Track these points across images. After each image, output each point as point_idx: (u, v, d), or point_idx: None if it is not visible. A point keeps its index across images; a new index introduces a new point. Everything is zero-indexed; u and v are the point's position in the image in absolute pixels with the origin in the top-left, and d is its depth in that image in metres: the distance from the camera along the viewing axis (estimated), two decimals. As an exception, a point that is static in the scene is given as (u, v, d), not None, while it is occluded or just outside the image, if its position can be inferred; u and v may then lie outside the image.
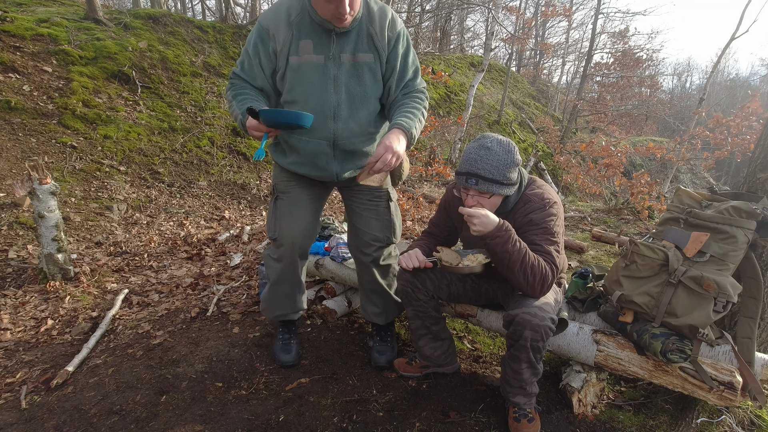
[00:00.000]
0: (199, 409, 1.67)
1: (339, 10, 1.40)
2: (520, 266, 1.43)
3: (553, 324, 1.44)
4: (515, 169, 1.51)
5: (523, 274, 1.44)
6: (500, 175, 1.47)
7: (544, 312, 1.44)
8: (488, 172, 1.46)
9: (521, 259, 1.42)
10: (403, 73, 1.62)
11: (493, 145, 1.48)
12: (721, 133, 6.53)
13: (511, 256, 1.42)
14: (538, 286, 1.46)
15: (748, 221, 1.48)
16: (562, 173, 10.92)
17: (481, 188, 1.48)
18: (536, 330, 1.40)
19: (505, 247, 1.42)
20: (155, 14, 7.64)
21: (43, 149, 4.56)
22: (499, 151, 1.47)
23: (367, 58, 1.54)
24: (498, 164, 1.46)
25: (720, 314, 1.45)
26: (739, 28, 9.14)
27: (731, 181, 20.24)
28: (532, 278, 1.44)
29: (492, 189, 1.48)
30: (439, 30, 17.42)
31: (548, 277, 1.46)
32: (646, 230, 4.23)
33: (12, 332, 2.34)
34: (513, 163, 1.49)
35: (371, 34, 1.53)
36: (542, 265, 1.45)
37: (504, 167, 1.47)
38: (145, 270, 3.33)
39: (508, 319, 1.48)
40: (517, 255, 1.42)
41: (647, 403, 1.73)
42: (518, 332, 1.44)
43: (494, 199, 1.53)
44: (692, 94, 28.30)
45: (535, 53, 22.15)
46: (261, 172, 6.14)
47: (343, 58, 1.53)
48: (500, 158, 1.47)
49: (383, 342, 2.00)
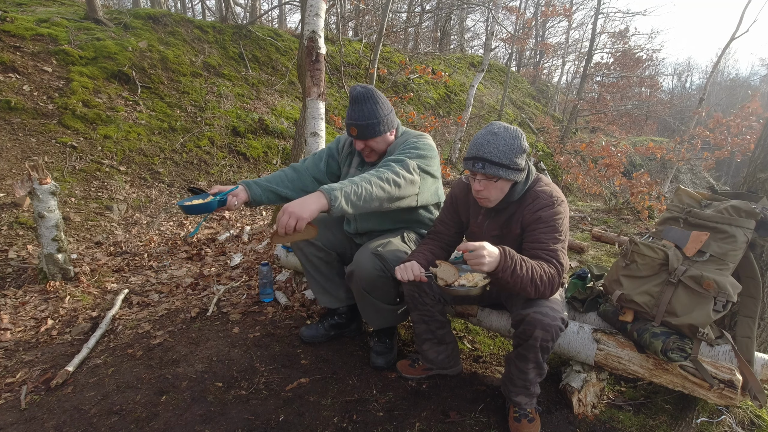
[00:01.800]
0: (199, 409, 1.67)
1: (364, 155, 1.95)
2: (531, 282, 1.41)
3: (563, 324, 1.44)
4: (522, 156, 1.51)
5: (534, 287, 1.42)
6: (507, 159, 1.46)
7: (555, 312, 1.43)
8: (494, 155, 1.46)
9: (530, 277, 1.40)
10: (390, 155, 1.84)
11: (500, 131, 1.48)
12: (721, 133, 6.53)
13: (522, 280, 1.39)
14: (547, 291, 1.45)
15: (748, 221, 1.48)
16: (562, 173, 10.92)
17: (488, 172, 1.48)
18: (547, 330, 1.40)
19: (515, 274, 1.38)
20: (155, 14, 7.64)
21: (43, 149, 4.57)
22: (505, 135, 1.48)
23: None
24: (504, 148, 1.46)
25: (720, 314, 1.45)
26: (739, 28, 9.13)
27: (731, 181, 20.25)
28: (543, 287, 1.43)
29: (498, 173, 1.48)
30: (439, 30, 17.43)
31: (556, 281, 1.45)
32: (646, 230, 4.22)
33: (12, 332, 2.34)
34: (520, 149, 1.49)
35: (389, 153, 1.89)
36: (549, 272, 1.44)
37: (510, 151, 1.47)
38: (145, 270, 3.33)
39: (518, 319, 1.47)
40: (526, 276, 1.39)
41: (647, 403, 1.73)
42: (528, 332, 1.42)
43: (501, 183, 1.52)
44: (692, 94, 28.30)
45: (535, 53, 22.16)
46: (261, 173, 6.14)
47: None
48: (507, 143, 1.47)
49: (381, 343, 2.00)
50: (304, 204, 1.45)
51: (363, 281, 1.77)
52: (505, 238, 1.64)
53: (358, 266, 1.77)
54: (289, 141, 6.76)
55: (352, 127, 1.81)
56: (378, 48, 7.00)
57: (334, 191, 1.49)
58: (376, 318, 1.93)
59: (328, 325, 2.16)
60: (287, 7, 15.88)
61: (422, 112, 10.45)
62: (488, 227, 1.67)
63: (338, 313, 2.17)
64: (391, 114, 1.87)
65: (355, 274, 1.78)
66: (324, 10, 3.25)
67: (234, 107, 6.86)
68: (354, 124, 1.79)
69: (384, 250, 1.78)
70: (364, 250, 1.81)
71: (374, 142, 1.84)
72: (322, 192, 1.49)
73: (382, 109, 1.81)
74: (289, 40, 9.40)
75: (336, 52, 9.20)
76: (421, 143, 1.82)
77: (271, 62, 8.46)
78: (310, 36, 3.17)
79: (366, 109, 1.78)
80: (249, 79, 7.68)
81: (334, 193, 1.48)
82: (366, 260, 1.76)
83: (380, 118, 1.80)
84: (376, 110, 1.79)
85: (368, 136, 1.81)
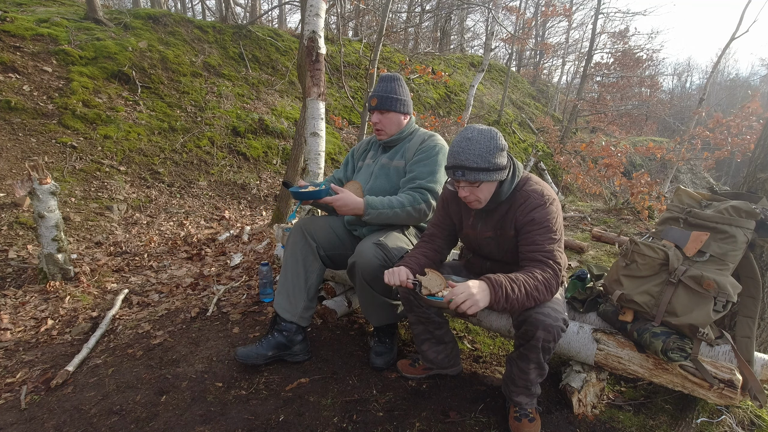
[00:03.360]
0: (199, 409, 1.67)
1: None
2: (528, 298, 1.40)
3: (565, 324, 1.44)
4: (501, 154, 1.49)
5: (533, 300, 1.42)
6: (485, 162, 1.46)
7: (557, 312, 1.43)
8: (472, 161, 1.45)
9: (525, 294, 1.40)
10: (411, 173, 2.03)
11: (474, 135, 1.47)
12: (721, 133, 6.53)
13: (519, 300, 1.39)
14: (547, 296, 1.45)
15: (748, 221, 1.48)
16: (562, 173, 10.93)
17: (469, 179, 1.47)
18: (549, 330, 1.40)
19: (510, 300, 1.37)
20: (155, 14, 7.64)
21: (43, 149, 4.57)
22: (479, 139, 1.46)
23: (398, 164, 2.08)
24: (481, 152, 1.45)
25: (720, 314, 1.45)
26: (739, 28, 9.12)
27: (731, 181, 20.25)
28: (541, 296, 1.43)
29: (479, 177, 1.47)
30: (439, 30, 17.43)
31: (553, 284, 1.45)
32: (646, 230, 4.22)
33: (12, 332, 2.35)
34: (497, 148, 1.47)
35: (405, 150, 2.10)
36: (544, 279, 1.43)
37: (487, 154, 1.46)
38: (145, 270, 3.33)
39: (521, 319, 1.46)
40: (521, 295, 1.39)
41: (647, 403, 1.73)
42: (530, 332, 1.42)
43: (485, 187, 1.52)
44: (692, 94, 28.31)
45: (535, 53, 22.16)
46: (261, 173, 6.14)
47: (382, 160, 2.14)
48: (482, 146, 1.46)
49: (381, 343, 2.00)
50: (352, 200, 1.86)
51: (365, 271, 1.79)
52: (500, 240, 1.64)
53: (360, 256, 1.81)
54: (289, 141, 6.77)
55: (374, 98, 2.04)
56: (378, 48, 6.99)
57: (374, 202, 1.87)
58: (375, 314, 1.94)
59: (267, 345, 1.92)
60: (287, 7, 15.90)
61: (422, 112, 10.45)
62: (481, 229, 1.67)
63: (284, 330, 1.94)
64: (408, 100, 2.10)
65: (357, 264, 1.81)
66: (324, 10, 3.25)
67: (234, 107, 6.86)
68: (376, 95, 2.04)
69: (385, 241, 1.84)
70: (366, 241, 1.86)
71: (388, 117, 2.05)
72: (366, 202, 1.87)
73: (402, 92, 2.06)
74: (289, 40, 9.40)
75: (336, 52, 9.20)
76: (441, 158, 2.00)
77: (271, 62, 8.46)
78: (310, 36, 3.17)
79: (389, 86, 2.04)
80: (249, 79, 7.68)
81: (372, 202, 1.87)
82: (368, 250, 1.80)
83: (399, 96, 2.04)
84: (398, 89, 2.05)
85: (385, 107, 2.02)
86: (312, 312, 1.99)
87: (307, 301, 1.96)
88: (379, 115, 2.04)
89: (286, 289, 1.96)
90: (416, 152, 2.03)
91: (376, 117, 2.05)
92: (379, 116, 2.04)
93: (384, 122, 2.05)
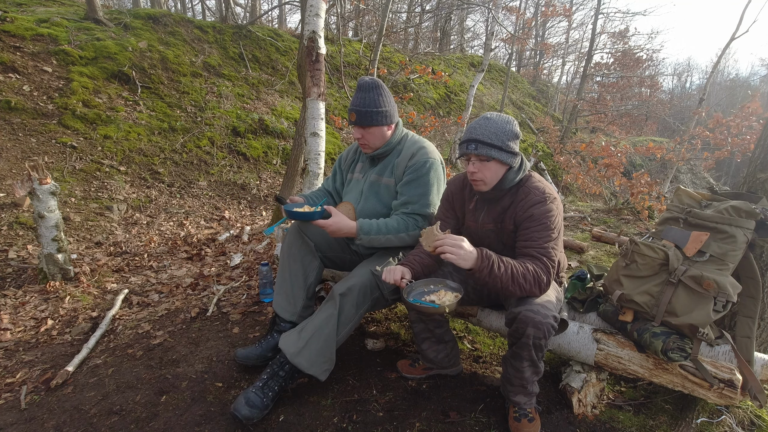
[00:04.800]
0: (199, 409, 1.67)
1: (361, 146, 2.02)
2: (512, 281, 1.43)
3: (556, 322, 1.44)
4: (515, 141, 1.55)
5: (518, 286, 1.44)
6: (498, 140, 1.51)
7: (547, 310, 1.44)
8: (487, 137, 1.51)
9: (510, 276, 1.43)
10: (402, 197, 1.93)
11: (493, 116, 1.56)
12: (721, 133, 6.53)
13: (502, 279, 1.42)
14: (535, 289, 1.46)
15: (747, 221, 1.48)
16: (562, 173, 10.92)
17: (480, 152, 1.51)
18: (539, 327, 1.40)
19: (493, 274, 1.41)
20: (155, 14, 7.65)
21: (43, 149, 4.57)
22: (498, 120, 1.54)
23: (389, 182, 1.97)
24: (496, 130, 1.52)
25: (720, 314, 1.45)
26: (739, 28, 9.13)
27: (731, 181, 20.24)
28: (528, 286, 1.45)
29: (491, 153, 1.51)
30: (439, 30, 17.43)
31: (543, 279, 1.46)
32: (646, 230, 4.22)
33: (12, 332, 2.35)
34: (512, 133, 1.54)
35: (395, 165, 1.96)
36: (534, 271, 1.45)
37: (503, 134, 1.52)
38: (145, 270, 3.33)
39: (511, 317, 1.48)
40: (505, 275, 1.42)
41: (647, 403, 1.73)
42: (521, 330, 1.43)
43: (494, 165, 1.54)
44: (692, 94, 28.31)
45: (535, 53, 22.15)
46: (261, 173, 6.14)
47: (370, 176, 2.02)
48: (499, 126, 1.53)
49: (258, 385, 1.67)
50: (343, 223, 1.77)
51: (357, 293, 1.77)
52: (501, 234, 1.65)
53: (355, 280, 1.79)
54: (289, 141, 6.77)
55: (353, 113, 1.87)
56: (378, 48, 7.00)
57: (365, 227, 1.80)
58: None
59: (267, 345, 1.91)
60: (287, 7, 15.89)
61: (422, 112, 10.45)
62: (483, 219, 1.68)
63: (283, 330, 1.89)
64: (392, 109, 1.92)
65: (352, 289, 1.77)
66: (324, 10, 3.25)
67: (234, 107, 6.86)
68: (355, 109, 1.86)
69: (381, 270, 1.75)
70: (364, 266, 1.86)
71: (370, 132, 1.89)
72: (358, 226, 1.79)
73: (384, 102, 1.87)
74: (289, 40, 9.40)
75: (336, 52, 9.20)
76: (432, 176, 1.89)
77: (271, 62, 8.46)
78: (310, 36, 3.17)
79: (369, 97, 1.85)
80: (249, 79, 7.69)
81: (364, 227, 1.80)
82: (364, 275, 1.80)
83: (380, 108, 1.86)
84: (378, 100, 1.86)
85: (366, 123, 1.86)
86: (311, 311, 1.95)
87: (306, 300, 1.93)
88: (361, 130, 1.89)
89: (285, 288, 1.93)
90: (406, 170, 1.90)
91: (358, 132, 1.90)
92: (361, 131, 1.89)
93: (367, 137, 1.91)
